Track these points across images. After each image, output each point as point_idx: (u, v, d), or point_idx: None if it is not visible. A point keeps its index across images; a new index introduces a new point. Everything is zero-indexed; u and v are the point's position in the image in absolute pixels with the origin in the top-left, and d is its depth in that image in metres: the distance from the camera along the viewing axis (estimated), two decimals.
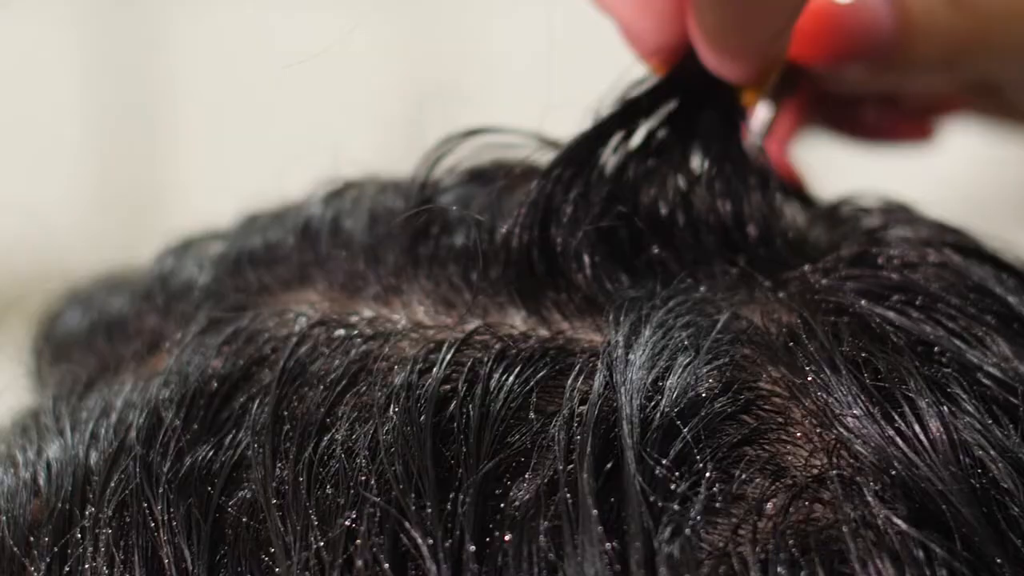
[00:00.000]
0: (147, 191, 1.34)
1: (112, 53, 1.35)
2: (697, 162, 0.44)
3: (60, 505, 0.40)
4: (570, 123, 0.44)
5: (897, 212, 0.44)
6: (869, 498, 0.36)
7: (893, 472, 0.36)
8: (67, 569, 0.39)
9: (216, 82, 1.31)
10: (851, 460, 0.37)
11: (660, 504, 0.36)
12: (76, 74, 1.36)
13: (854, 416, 0.37)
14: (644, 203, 0.43)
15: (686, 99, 0.44)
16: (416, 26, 1.29)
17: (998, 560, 0.35)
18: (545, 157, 0.44)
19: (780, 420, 0.38)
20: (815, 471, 0.37)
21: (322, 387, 0.40)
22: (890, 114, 0.54)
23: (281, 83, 1.26)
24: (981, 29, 0.49)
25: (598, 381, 0.38)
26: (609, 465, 0.37)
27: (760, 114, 0.48)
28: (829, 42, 0.46)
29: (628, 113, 0.44)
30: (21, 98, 1.34)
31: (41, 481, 0.41)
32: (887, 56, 0.47)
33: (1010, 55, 0.50)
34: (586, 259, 0.42)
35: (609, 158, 0.43)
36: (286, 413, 0.39)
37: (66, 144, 1.35)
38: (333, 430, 0.39)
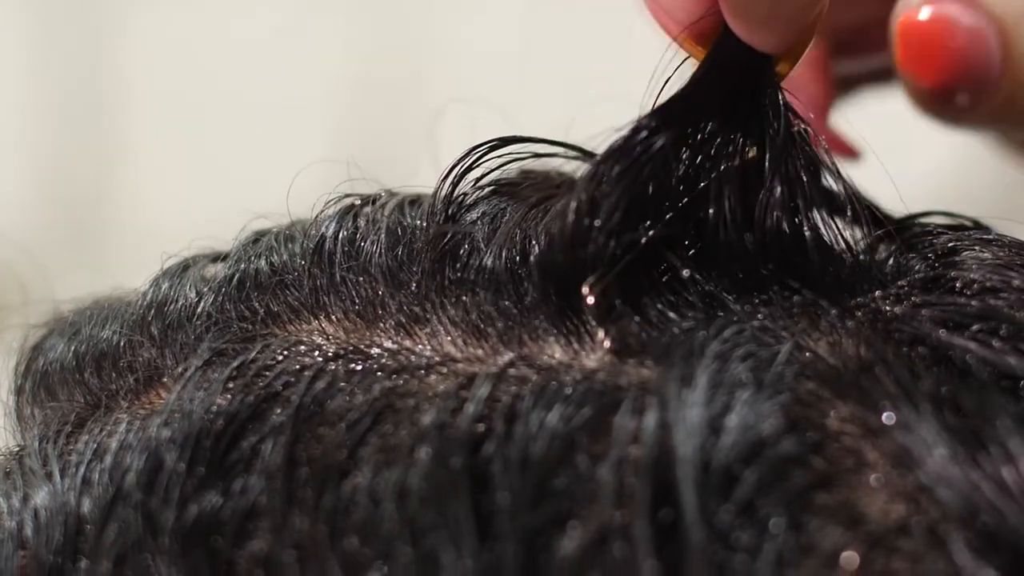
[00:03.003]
0: (95, 187, 1.31)
1: (60, 47, 1.32)
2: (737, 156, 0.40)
3: (50, 558, 0.37)
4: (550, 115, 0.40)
5: (970, 231, 0.41)
6: (953, 550, 0.33)
7: (980, 521, 0.33)
8: None
9: (167, 77, 1.27)
10: (933, 507, 0.34)
11: (723, 555, 0.33)
12: (22, 68, 1.33)
13: (936, 458, 0.34)
14: (688, 223, 0.39)
15: (731, 93, 0.40)
16: (376, 18, 1.26)
17: None
18: (577, 166, 0.40)
19: (852, 462, 0.34)
20: (893, 519, 0.34)
21: (342, 427, 0.36)
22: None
23: (235, 78, 1.23)
24: None
25: (650, 419, 0.35)
26: (664, 512, 0.33)
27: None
28: (935, 58, 0.43)
29: (669, 114, 0.40)
30: None
31: (28, 532, 0.38)
32: (988, 91, 0.44)
33: None
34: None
35: (647, 170, 0.39)
36: (302, 455, 0.36)
37: (11, 139, 1.32)
38: (355, 474, 0.35)
